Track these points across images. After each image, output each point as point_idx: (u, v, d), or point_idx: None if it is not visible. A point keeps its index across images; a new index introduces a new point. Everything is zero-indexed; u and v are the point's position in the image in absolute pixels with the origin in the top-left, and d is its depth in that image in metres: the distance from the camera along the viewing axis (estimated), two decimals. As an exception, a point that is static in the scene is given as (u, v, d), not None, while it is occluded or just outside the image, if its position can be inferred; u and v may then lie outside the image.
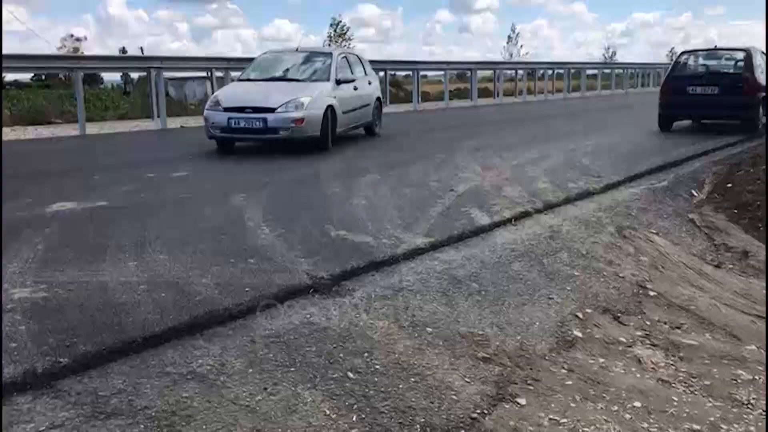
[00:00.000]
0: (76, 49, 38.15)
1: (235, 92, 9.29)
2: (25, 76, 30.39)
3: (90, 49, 47.65)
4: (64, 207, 5.46)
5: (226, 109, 8.65)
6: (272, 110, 8.53)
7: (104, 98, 20.46)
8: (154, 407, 2.49)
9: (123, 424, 2.38)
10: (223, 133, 8.74)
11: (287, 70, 9.93)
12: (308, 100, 8.67)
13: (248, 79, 9.86)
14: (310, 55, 10.24)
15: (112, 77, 31.51)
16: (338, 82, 9.56)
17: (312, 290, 3.64)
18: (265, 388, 2.70)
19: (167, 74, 15.78)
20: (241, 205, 5.52)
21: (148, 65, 14.23)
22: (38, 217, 5.07)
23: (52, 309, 3.21)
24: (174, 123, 13.58)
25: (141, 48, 43.63)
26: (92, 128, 12.49)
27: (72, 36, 41.81)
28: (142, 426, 2.39)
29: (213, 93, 10.44)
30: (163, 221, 4.95)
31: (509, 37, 47.44)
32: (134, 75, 25.59)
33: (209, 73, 15.87)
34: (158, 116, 13.42)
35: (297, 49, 10.46)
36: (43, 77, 30.61)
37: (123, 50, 41.65)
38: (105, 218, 5.08)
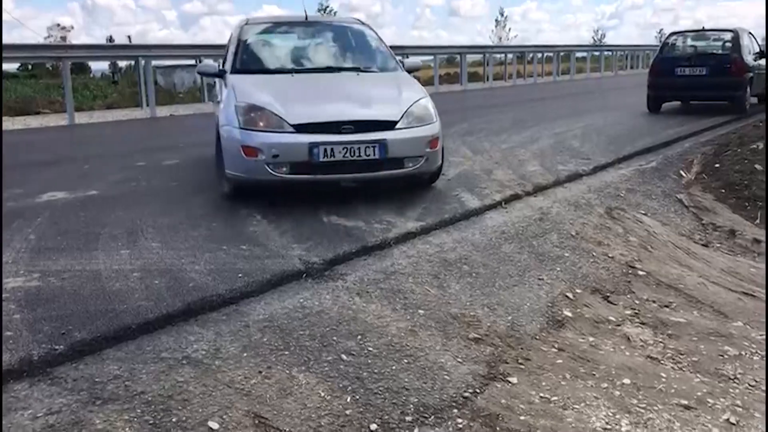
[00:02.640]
0: (63, 39, 37.83)
1: (285, 96, 5.14)
2: (12, 66, 30.06)
3: (77, 38, 47.32)
4: (55, 197, 5.46)
5: (300, 129, 4.75)
6: (391, 125, 4.94)
7: (92, 87, 20.32)
8: (150, 392, 2.52)
9: (120, 409, 2.41)
10: (297, 174, 4.79)
11: (320, 53, 6.40)
12: (430, 104, 5.35)
13: (262, 71, 5.84)
14: (338, 30, 6.68)
15: (99, 66, 31.28)
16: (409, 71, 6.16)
17: (305, 275, 3.67)
18: (260, 372, 2.74)
19: (155, 62, 15.69)
20: (232, 192, 5.51)
21: (136, 54, 14.15)
22: (29, 207, 5.07)
23: (45, 298, 3.24)
24: (163, 111, 13.52)
25: (128, 36, 43.35)
26: (81, 118, 12.42)
27: (58, 25, 41.46)
28: (138, 410, 2.42)
29: (218, 90, 6.12)
30: (154, 209, 4.96)
31: (497, 20, 47.29)
32: (122, 64, 25.44)
33: (198, 61, 15.77)
34: (147, 105, 13.36)
35: (307, 19, 6.57)
36: (30, 67, 30.31)
37: (110, 39, 41.41)
38: (97, 207, 5.08)
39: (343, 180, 5.01)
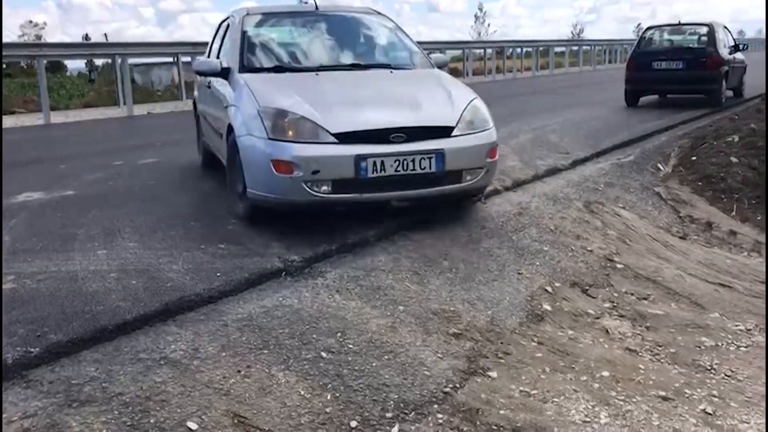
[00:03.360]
0: (38, 37, 37.37)
1: (317, 99, 4.37)
2: (-16, 66, 29.63)
3: (52, 36, 46.75)
4: (30, 197, 5.39)
5: (344, 138, 4.07)
6: (447, 131, 4.31)
7: (69, 86, 20.10)
8: (128, 393, 2.50)
9: (97, 411, 2.39)
10: (340, 193, 4.08)
11: (341, 48, 5.50)
12: (484, 105, 4.70)
13: (277, 68, 5.00)
14: (355, 21, 5.82)
15: (76, 65, 30.94)
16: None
17: (284, 273, 3.66)
18: (239, 371, 2.73)
19: (132, 60, 15.55)
20: (211, 192, 5.49)
21: (113, 52, 14.00)
22: (4, 208, 4.99)
23: (21, 300, 3.19)
24: (141, 110, 13.40)
25: (105, 34, 42.91)
26: (57, 117, 12.28)
27: (30, 22, 40.95)
28: (116, 412, 2.40)
29: (218, 92, 5.22)
30: (132, 209, 4.91)
31: (476, 16, 47.39)
32: (99, 62, 25.14)
33: (175, 59, 15.66)
34: (124, 103, 13.25)
35: (317, 9, 5.73)
36: (4, 66, 29.86)
37: (86, 37, 40.97)
38: (73, 207, 5.02)
39: (394, 199, 4.23)
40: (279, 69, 4.99)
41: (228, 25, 5.83)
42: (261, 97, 4.36)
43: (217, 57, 5.72)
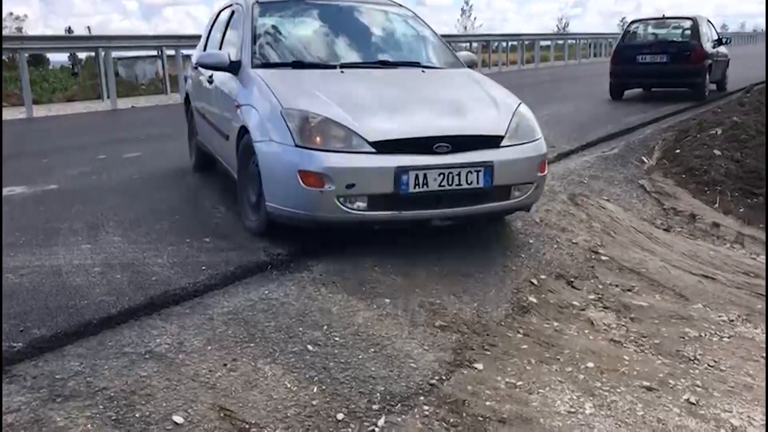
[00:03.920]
0: (19, 29, 36.94)
1: (349, 100, 3.92)
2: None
3: (33, 29, 46.25)
4: (13, 192, 5.34)
5: (382, 147, 3.62)
6: (496, 141, 3.91)
7: (51, 80, 19.89)
8: (112, 387, 2.48)
9: (81, 406, 2.37)
10: (377, 210, 3.66)
11: (364, 43, 4.99)
12: (529, 112, 4.37)
13: (296, 64, 4.49)
14: (376, 13, 5.33)
15: (58, 58, 30.62)
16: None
17: (270, 267, 3.65)
18: (225, 365, 2.72)
19: (116, 54, 15.41)
20: (196, 185, 5.47)
21: (96, 45, 13.86)
22: (-14, 202, 4.94)
23: (3, 295, 3.16)
24: (125, 104, 13.30)
25: (88, 27, 42.51)
26: (40, 111, 12.16)
27: (11, 14, 40.46)
28: (101, 406, 2.38)
29: (221, 88, 4.86)
30: (116, 203, 4.88)
31: (463, 10, 47.40)
32: (82, 55, 24.91)
33: (159, 52, 15.54)
34: (108, 97, 13.14)
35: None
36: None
37: (69, 30, 40.54)
38: (56, 202, 4.98)
39: (436, 217, 3.80)
40: (297, 65, 4.50)
41: (231, 14, 5.35)
42: (283, 97, 3.88)
43: (219, 49, 5.18)
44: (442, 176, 3.63)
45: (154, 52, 17.38)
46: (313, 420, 2.50)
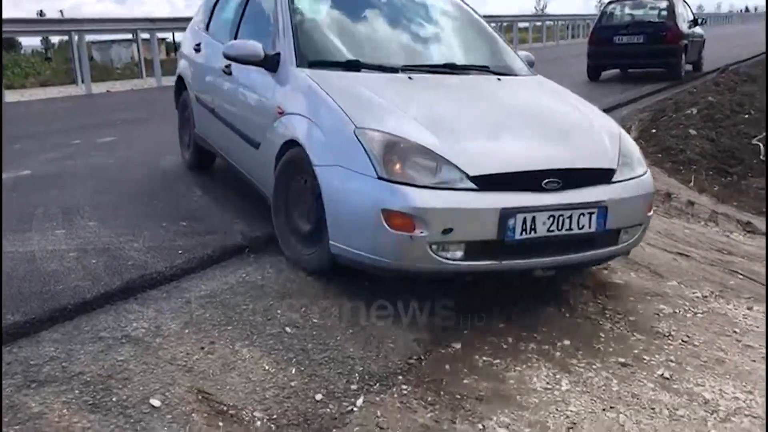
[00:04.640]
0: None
1: (437, 119, 3.22)
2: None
3: (4, 11, 45.27)
4: (-16, 178, 5.25)
5: (483, 184, 2.92)
6: (607, 176, 3.24)
7: (24, 64, 19.53)
8: (88, 372, 2.47)
9: (57, 391, 2.36)
10: (476, 261, 2.99)
11: (424, 42, 4.26)
12: (628, 137, 3.68)
13: (351, 66, 3.67)
14: (429, 5, 4.55)
15: (30, 42, 30.10)
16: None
17: (247, 250, 3.64)
18: (203, 347, 2.71)
19: (90, 37, 15.17)
20: (172, 168, 5.42)
21: (69, 28, 13.61)
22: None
23: (-24, 281, 3.12)
24: (99, 88, 13.11)
25: (60, 11, 41.74)
26: (12, 96, 11.94)
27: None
28: (77, 391, 2.37)
29: (240, 83, 4.14)
30: (91, 188, 4.82)
31: (442, -9, 47.16)
32: (55, 39, 24.53)
33: (134, 35, 15.33)
34: (82, 81, 12.93)
35: None
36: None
37: (41, 13, 39.77)
38: (30, 187, 4.91)
39: (540, 267, 3.13)
40: (351, 65, 3.69)
41: None
42: (353, 112, 3.14)
43: (235, 37, 4.33)
44: (551, 219, 2.98)
45: (129, 35, 17.14)
46: (292, 401, 2.51)
